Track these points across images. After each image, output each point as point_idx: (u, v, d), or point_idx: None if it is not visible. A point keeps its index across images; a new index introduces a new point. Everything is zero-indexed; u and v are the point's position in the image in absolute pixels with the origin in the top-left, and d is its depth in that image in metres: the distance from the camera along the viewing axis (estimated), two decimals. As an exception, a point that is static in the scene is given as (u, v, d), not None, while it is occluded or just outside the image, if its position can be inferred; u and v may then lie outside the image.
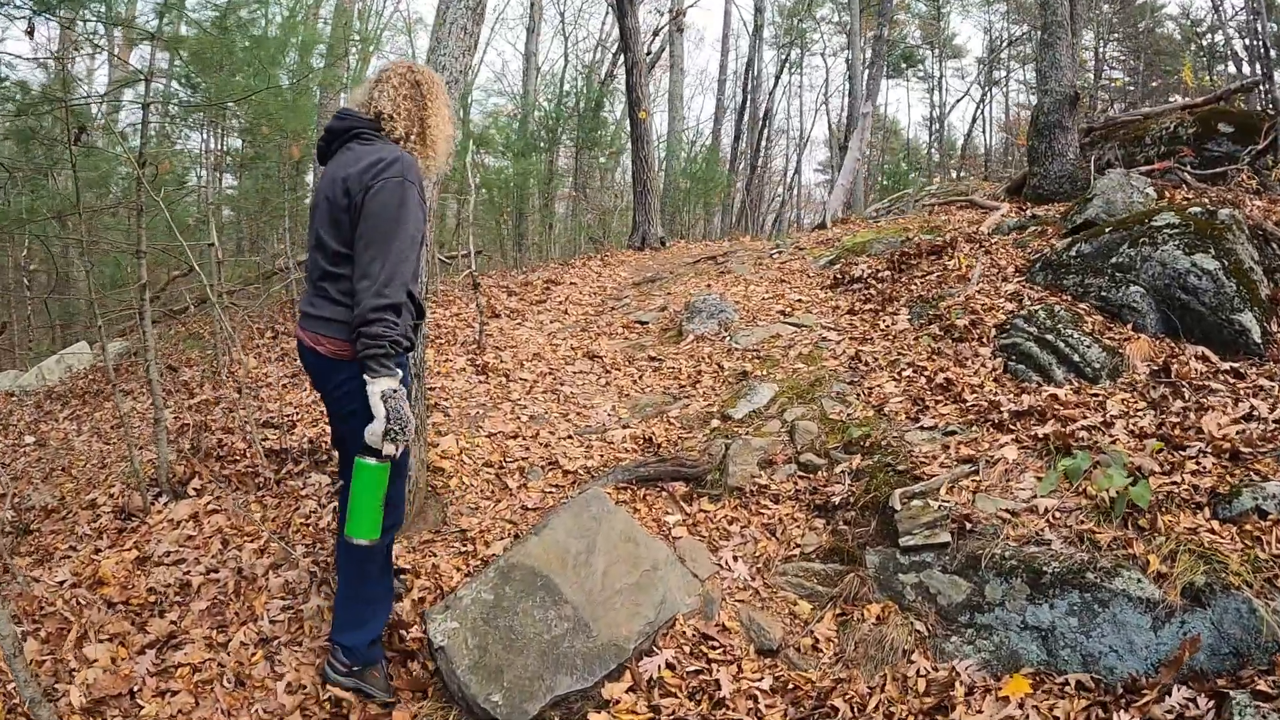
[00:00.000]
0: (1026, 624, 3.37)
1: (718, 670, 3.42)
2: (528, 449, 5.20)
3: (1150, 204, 7.03)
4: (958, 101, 35.02)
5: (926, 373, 5.42)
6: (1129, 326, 5.53)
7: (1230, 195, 6.90)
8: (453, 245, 13.13)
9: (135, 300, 5.16)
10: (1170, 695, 2.94)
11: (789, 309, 7.28)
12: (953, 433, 4.59)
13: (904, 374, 5.49)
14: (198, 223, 9.55)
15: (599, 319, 8.20)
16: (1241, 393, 4.69)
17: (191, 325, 9.04)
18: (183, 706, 3.27)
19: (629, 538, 3.89)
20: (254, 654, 3.59)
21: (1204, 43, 24.56)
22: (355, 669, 3.35)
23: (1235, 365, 4.98)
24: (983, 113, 30.96)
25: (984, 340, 5.72)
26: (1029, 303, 5.97)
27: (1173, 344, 5.37)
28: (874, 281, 7.39)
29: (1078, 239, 6.34)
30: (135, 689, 3.34)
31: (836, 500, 4.23)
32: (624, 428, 5.33)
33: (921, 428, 4.71)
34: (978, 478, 4.09)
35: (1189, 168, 8.01)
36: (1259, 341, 5.12)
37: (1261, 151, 7.77)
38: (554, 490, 4.70)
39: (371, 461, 2.87)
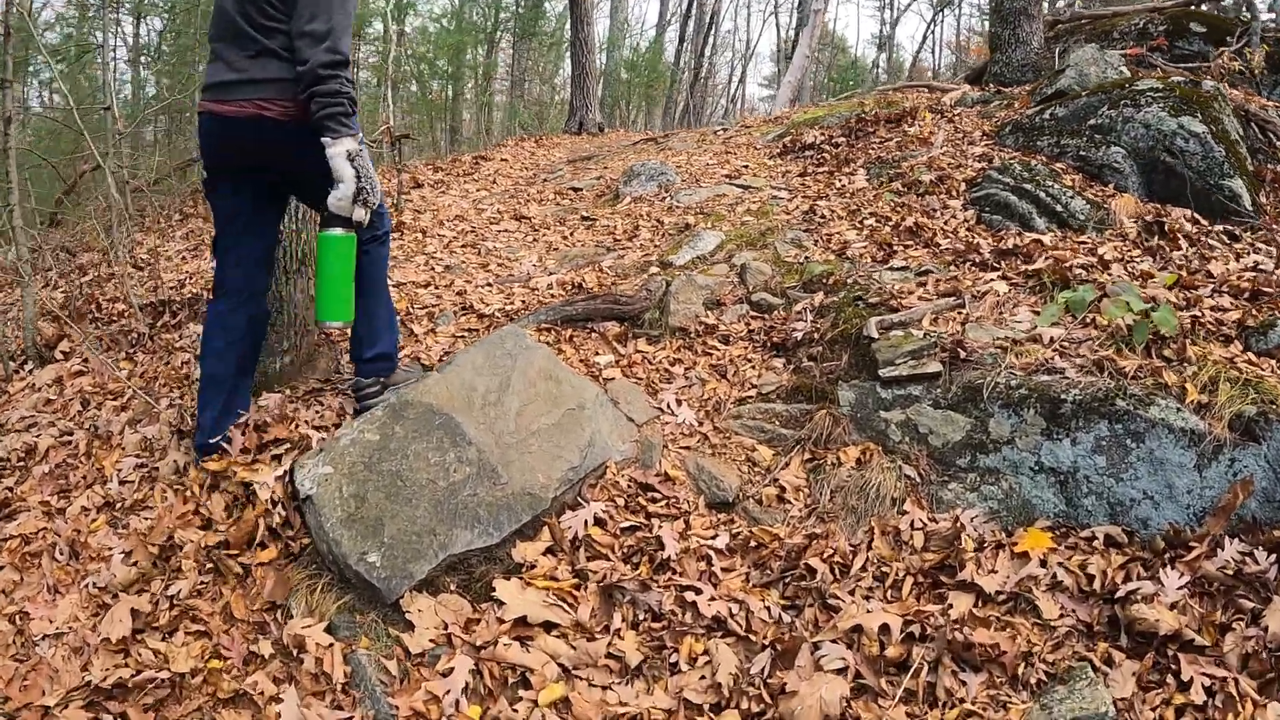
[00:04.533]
0: (1042, 465, 2.77)
1: (660, 526, 2.73)
2: (439, 297, 4.39)
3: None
4: (905, 9, 34.27)
5: (891, 222, 4.77)
6: (1110, 186, 5.02)
7: (1208, 78, 6.39)
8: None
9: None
10: (1222, 549, 2.39)
11: (735, 173, 6.52)
12: (928, 272, 3.95)
13: (865, 223, 4.83)
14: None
15: (529, 189, 7.33)
16: (1239, 250, 4.26)
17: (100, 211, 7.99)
18: (4, 584, 2.66)
19: (550, 375, 3.15)
20: (94, 520, 2.90)
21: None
22: (382, 381, 3.10)
23: (1228, 227, 4.54)
24: (932, 32, 30.36)
25: (952, 194, 5.09)
26: (999, 161, 5.35)
27: (1157, 206, 4.87)
28: (828, 147, 6.67)
29: (1045, 105, 5.83)
30: (-44, 563, 2.66)
31: (799, 336, 3.53)
32: (549, 275, 4.55)
33: (891, 268, 4.06)
34: (964, 310, 3.45)
35: (1160, 57, 7.60)
36: (1250, 208, 4.70)
37: (1235, 53, 7.33)
38: (466, 335, 3.91)
39: (338, 232, 2.64)
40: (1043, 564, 2.47)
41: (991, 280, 3.69)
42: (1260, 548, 2.38)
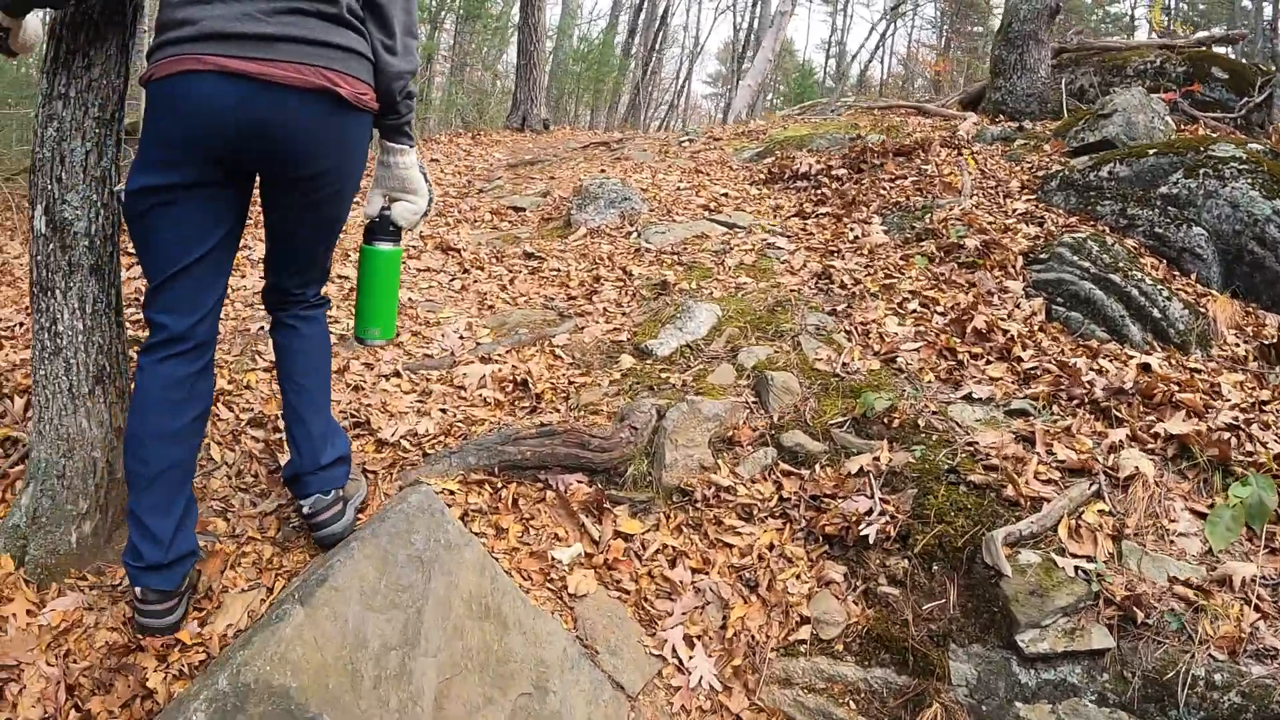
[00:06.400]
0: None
1: None
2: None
3: (1171, 133, 5.61)
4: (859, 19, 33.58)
5: (940, 308, 3.66)
6: (1192, 276, 4.06)
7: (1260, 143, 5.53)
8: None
9: None
10: None
11: (714, 204, 5.34)
12: (1022, 413, 2.83)
13: (907, 307, 3.70)
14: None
15: (461, 203, 5.97)
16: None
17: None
18: None
19: (487, 608, 1.92)
20: None
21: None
22: (343, 498, 2.24)
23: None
24: (884, 44, 29.89)
25: (1009, 270, 4.01)
26: (1055, 228, 4.31)
27: (1249, 309, 3.95)
28: (827, 180, 5.53)
29: (1101, 158, 4.80)
30: None
31: (868, 533, 2.36)
32: (484, 361, 3.28)
33: (969, 399, 2.93)
34: (1105, 508, 2.34)
35: (1188, 103, 6.86)
36: (1345, 320, 3.84)
37: (1257, 106, 6.71)
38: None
39: (388, 247, 2.24)
40: None
41: (1122, 442, 2.59)
42: None
